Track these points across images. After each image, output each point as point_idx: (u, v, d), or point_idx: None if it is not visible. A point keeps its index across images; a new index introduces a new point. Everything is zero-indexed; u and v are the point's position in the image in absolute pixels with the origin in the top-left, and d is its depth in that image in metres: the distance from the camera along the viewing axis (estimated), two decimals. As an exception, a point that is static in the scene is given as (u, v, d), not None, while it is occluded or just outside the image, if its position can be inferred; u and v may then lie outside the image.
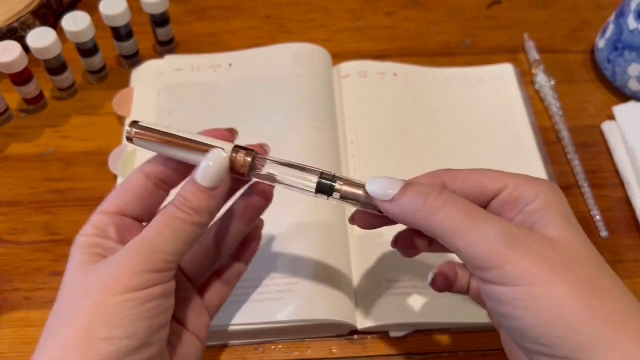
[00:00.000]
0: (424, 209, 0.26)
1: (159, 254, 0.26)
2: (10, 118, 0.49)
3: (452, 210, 0.25)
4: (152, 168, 0.29)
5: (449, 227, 0.25)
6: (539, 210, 0.26)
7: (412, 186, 0.27)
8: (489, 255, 0.24)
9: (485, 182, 0.28)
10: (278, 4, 0.58)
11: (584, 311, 0.22)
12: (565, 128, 0.50)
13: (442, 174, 0.29)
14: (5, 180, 0.45)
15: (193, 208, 0.26)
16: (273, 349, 0.38)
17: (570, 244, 0.24)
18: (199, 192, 0.26)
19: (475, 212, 0.25)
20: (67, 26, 0.46)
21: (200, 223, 0.27)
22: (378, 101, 0.49)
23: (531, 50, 0.55)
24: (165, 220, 0.26)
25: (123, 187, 0.29)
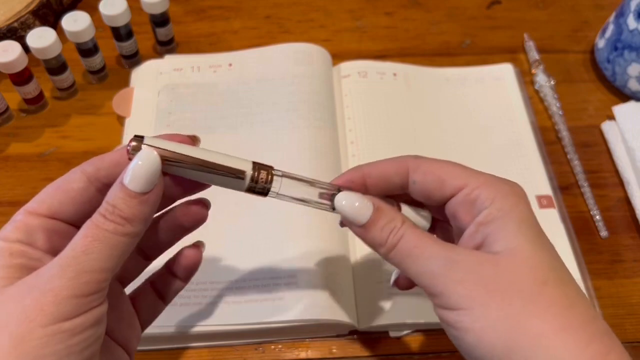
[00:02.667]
0: (386, 246, 0.26)
1: (88, 273, 0.22)
2: (11, 118, 0.49)
3: (404, 244, 0.26)
4: (97, 172, 0.25)
5: (401, 258, 0.26)
6: (490, 223, 0.26)
7: (381, 219, 0.27)
8: (432, 283, 0.25)
9: (445, 178, 0.27)
10: (278, 4, 0.58)
11: (518, 332, 0.23)
12: (565, 128, 0.50)
13: (407, 161, 0.28)
14: (6, 180, 0.45)
15: (124, 217, 0.23)
16: (273, 349, 0.38)
17: (514, 259, 0.25)
18: (130, 199, 0.23)
19: (424, 240, 0.26)
20: (67, 26, 0.46)
21: (133, 233, 0.24)
22: (378, 101, 0.49)
23: (531, 50, 0.55)
24: (93, 233, 0.23)
25: (59, 188, 0.25)
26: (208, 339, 0.38)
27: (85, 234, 0.23)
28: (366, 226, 0.27)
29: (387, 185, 0.29)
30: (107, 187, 0.24)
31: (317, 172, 0.43)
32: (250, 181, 0.26)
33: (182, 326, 0.37)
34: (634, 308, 0.41)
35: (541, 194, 0.45)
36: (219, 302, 0.38)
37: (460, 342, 0.25)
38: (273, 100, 0.48)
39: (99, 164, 0.26)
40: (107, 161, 0.26)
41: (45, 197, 0.25)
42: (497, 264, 0.25)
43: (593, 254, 0.43)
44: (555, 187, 0.46)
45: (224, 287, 0.39)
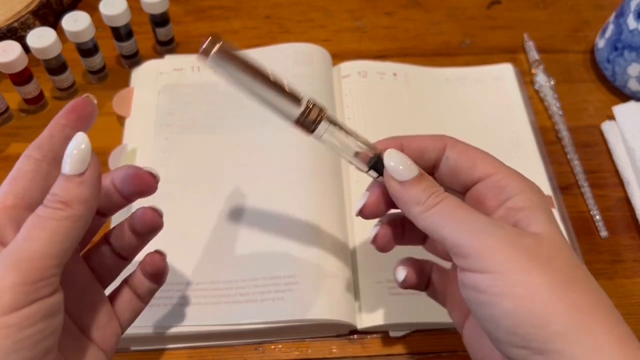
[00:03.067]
0: (425, 205, 0.26)
1: (29, 261, 0.22)
2: (11, 118, 0.49)
3: (445, 204, 0.26)
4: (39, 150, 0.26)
5: (439, 218, 0.26)
6: (522, 209, 0.26)
7: (424, 181, 0.27)
8: (472, 243, 0.24)
9: (478, 162, 0.28)
10: (278, 4, 0.58)
11: (559, 302, 0.23)
12: (565, 128, 0.50)
13: (445, 138, 0.29)
14: (6, 180, 0.45)
15: (62, 201, 0.24)
16: (273, 349, 0.38)
17: (552, 240, 0.25)
18: (67, 183, 0.24)
19: (465, 207, 0.26)
20: (67, 26, 0.46)
21: (75, 216, 0.24)
22: (378, 101, 0.49)
23: (531, 50, 0.55)
24: (34, 222, 0.23)
25: (14, 177, 0.26)
26: (208, 339, 0.38)
27: (26, 224, 0.23)
28: (409, 182, 0.27)
29: (422, 158, 0.29)
30: (55, 160, 0.26)
31: (317, 172, 0.43)
32: (302, 113, 0.28)
33: (182, 326, 0.37)
34: (634, 308, 0.41)
35: (541, 194, 0.45)
36: (219, 302, 0.38)
37: (489, 308, 0.24)
38: (273, 100, 0.48)
39: (37, 143, 0.27)
40: (43, 137, 0.27)
41: (6, 188, 0.26)
42: (537, 239, 0.25)
43: (593, 254, 0.43)
44: (555, 187, 0.46)
45: (224, 287, 0.39)
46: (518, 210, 0.26)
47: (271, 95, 0.27)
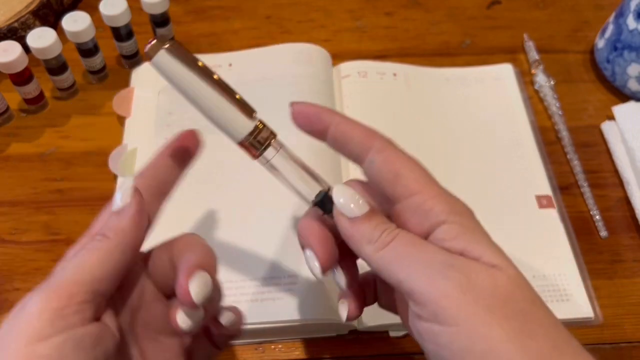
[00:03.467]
0: (377, 243, 0.25)
1: (60, 287, 0.22)
2: (11, 118, 0.49)
3: (398, 242, 0.24)
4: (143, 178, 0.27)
5: (391, 258, 0.24)
6: (460, 236, 0.24)
7: (375, 218, 0.25)
8: (428, 289, 0.23)
9: (402, 173, 0.26)
10: (278, 4, 0.58)
11: (520, 354, 0.22)
12: (565, 128, 0.50)
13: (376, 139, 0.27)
14: (6, 180, 0.45)
15: (100, 232, 0.24)
16: (273, 349, 0.39)
17: (506, 273, 0.23)
18: (108, 216, 0.25)
19: (420, 243, 0.24)
20: (67, 26, 0.46)
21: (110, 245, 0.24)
22: (378, 101, 0.49)
23: (531, 51, 0.55)
24: (71, 254, 0.24)
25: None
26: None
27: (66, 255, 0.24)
28: (360, 219, 0.25)
29: (345, 146, 0.27)
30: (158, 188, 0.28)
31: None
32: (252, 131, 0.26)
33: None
34: (634, 308, 0.41)
35: (541, 194, 0.45)
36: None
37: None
38: (273, 101, 0.48)
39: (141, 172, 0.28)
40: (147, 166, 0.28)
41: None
42: (492, 276, 0.23)
43: (593, 254, 0.43)
44: (555, 187, 0.46)
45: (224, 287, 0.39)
46: (456, 240, 0.24)
47: (222, 105, 0.25)
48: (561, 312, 0.39)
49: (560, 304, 0.40)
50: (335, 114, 0.27)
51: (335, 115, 0.27)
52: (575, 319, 0.39)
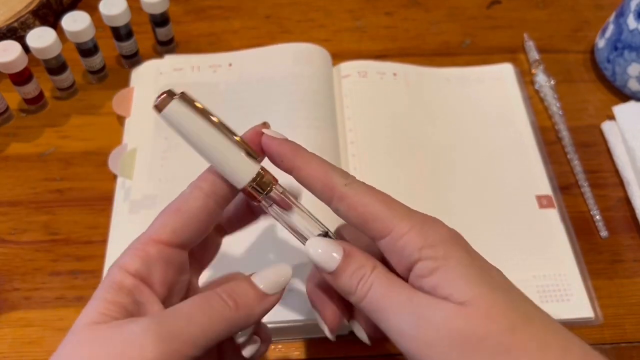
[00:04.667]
0: (356, 296, 0.25)
1: (182, 344, 0.22)
2: (11, 118, 0.49)
3: (372, 294, 0.24)
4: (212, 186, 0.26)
5: (373, 312, 0.24)
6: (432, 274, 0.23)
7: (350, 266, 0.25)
8: (404, 343, 0.23)
9: (368, 219, 0.25)
10: (278, 4, 0.58)
11: None
12: (565, 128, 0.50)
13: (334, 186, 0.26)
14: (6, 180, 0.45)
15: (236, 301, 0.24)
16: (273, 349, 0.38)
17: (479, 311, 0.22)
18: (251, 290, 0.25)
19: (392, 293, 0.24)
20: (67, 26, 0.46)
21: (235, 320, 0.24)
22: (378, 101, 0.49)
23: (531, 50, 0.55)
24: (201, 304, 0.23)
25: (179, 209, 0.25)
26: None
27: (194, 300, 0.23)
28: (336, 273, 0.25)
29: (311, 192, 0.26)
30: (223, 198, 0.26)
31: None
32: (255, 177, 0.26)
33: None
34: (634, 308, 0.41)
35: (541, 194, 0.45)
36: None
37: None
38: (273, 100, 0.48)
39: (212, 177, 0.26)
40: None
41: (167, 220, 0.25)
42: (466, 317, 0.22)
43: (593, 254, 0.43)
44: (555, 187, 0.46)
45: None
46: (429, 278, 0.23)
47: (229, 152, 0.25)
48: (561, 312, 0.39)
49: (560, 304, 0.40)
50: (297, 157, 0.26)
51: (297, 158, 0.26)
52: (576, 319, 0.39)
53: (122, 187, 0.44)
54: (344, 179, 0.26)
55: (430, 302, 0.23)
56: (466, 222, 0.43)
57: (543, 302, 0.39)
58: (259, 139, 0.27)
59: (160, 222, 0.25)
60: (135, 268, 0.24)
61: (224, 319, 0.23)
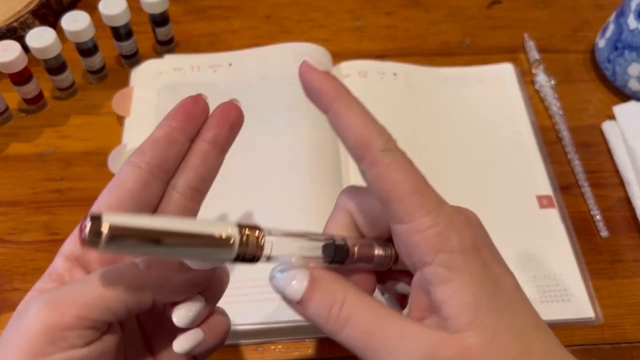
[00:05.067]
0: (329, 324, 0.23)
1: (66, 304, 0.20)
2: (10, 118, 0.49)
3: (354, 327, 0.22)
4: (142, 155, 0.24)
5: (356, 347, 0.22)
6: (440, 285, 0.22)
7: (316, 293, 0.23)
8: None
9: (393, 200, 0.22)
10: (278, 4, 0.58)
11: None
12: (565, 128, 0.49)
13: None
14: (5, 180, 0.45)
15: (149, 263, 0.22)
16: (273, 349, 0.38)
17: (479, 342, 0.21)
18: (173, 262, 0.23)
19: (377, 327, 0.22)
20: (66, 26, 0.46)
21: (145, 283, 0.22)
22: (378, 101, 0.49)
23: (531, 50, 0.55)
24: (102, 270, 0.22)
25: (113, 185, 0.24)
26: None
27: (98, 270, 0.22)
28: (303, 301, 0.23)
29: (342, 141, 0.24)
30: (159, 167, 0.24)
31: (316, 173, 0.43)
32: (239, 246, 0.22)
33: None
34: (634, 308, 0.41)
35: (541, 194, 0.45)
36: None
37: None
38: (273, 100, 0.48)
39: (140, 149, 0.25)
40: (147, 142, 0.25)
41: (102, 199, 0.24)
42: (468, 354, 0.21)
43: (593, 254, 0.43)
44: (555, 187, 0.46)
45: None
46: (435, 289, 0.22)
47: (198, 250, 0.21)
48: (562, 312, 0.39)
49: (560, 304, 0.39)
50: (337, 99, 0.24)
51: (336, 100, 0.24)
52: (576, 319, 0.39)
53: (122, 187, 0.44)
54: (383, 142, 0.23)
55: (430, 339, 0.21)
56: (466, 222, 0.43)
57: (543, 302, 0.39)
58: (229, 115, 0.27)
59: (97, 202, 0.24)
60: (69, 249, 0.24)
61: (126, 280, 0.22)
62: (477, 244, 0.23)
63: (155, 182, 0.25)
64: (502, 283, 0.23)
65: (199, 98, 0.27)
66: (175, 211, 0.26)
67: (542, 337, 0.23)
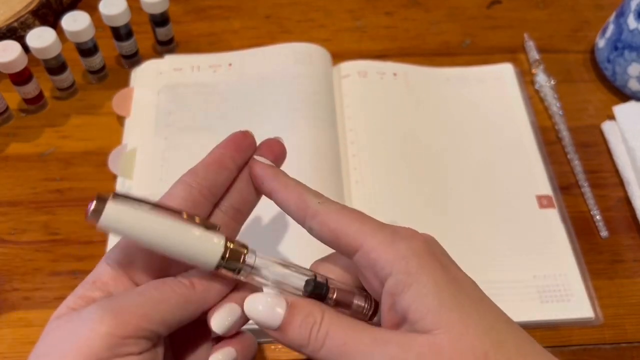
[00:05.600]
0: (310, 344, 0.24)
1: (130, 314, 0.22)
2: (10, 118, 0.49)
3: (331, 342, 0.23)
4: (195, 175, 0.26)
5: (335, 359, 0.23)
6: (403, 292, 0.23)
7: (296, 317, 0.24)
8: None
9: (339, 235, 0.25)
10: (278, 4, 0.58)
11: None
12: (565, 128, 0.49)
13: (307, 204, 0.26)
14: (5, 180, 0.45)
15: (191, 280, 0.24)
16: (273, 349, 0.38)
17: (447, 340, 0.22)
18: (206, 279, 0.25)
19: (353, 338, 0.23)
20: (67, 26, 0.46)
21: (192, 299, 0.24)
22: (378, 101, 0.49)
23: (531, 50, 0.55)
24: (155, 284, 0.24)
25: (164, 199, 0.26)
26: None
27: (150, 282, 0.24)
28: (282, 328, 0.24)
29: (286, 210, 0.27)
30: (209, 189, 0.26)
31: (317, 172, 0.43)
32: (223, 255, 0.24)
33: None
34: (634, 308, 0.41)
35: (541, 194, 0.45)
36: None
37: None
38: (273, 100, 0.48)
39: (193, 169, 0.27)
40: (200, 164, 0.27)
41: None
42: (434, 351, 0.22)
43: (593, 254, 0.43)
44: (555, 187, 0.46)
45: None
46: (400, 296, 0.23)
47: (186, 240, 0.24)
48: (561, 312, 0.39)
49: (560, 304, 0.39)
50: (274, 180, 0.27)
51: (275, 181, 0.27)
52: (576, 319, 0.39)
53: (122, 187, 0.44)
54: (317, 198, 0.26)
55: (400, 339, 0.23)
56: (466, 222, 0.43)
57: (543, 302, 0.39)
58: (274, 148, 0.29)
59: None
60: (115, 258, 0.25)
61: (177, 294, 0.24)
62: (431, 249, 0.24)
63: (204, 202, 0.26)
64: (464, 284, 0.24)
65: (248, 133, 0.29)
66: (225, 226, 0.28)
67: (514, 332, 0.23)
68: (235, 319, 0.25)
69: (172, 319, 0.24)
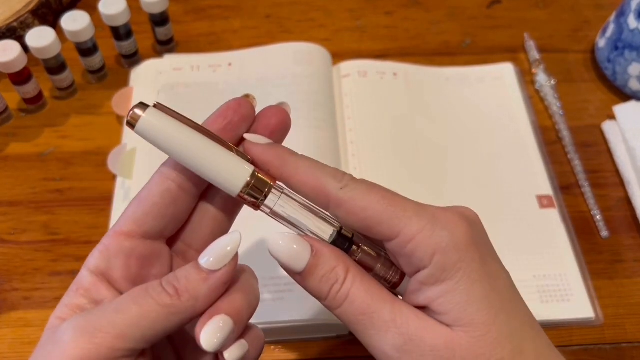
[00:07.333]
0: (328, 300, 0.23)
1: (108, 336, 0.20)
2: (10, 118, 0.49)
3: (349, 307, 0.23)
4: (172, 171, 0.24)
5: (352, 325, 0.23)
6: (434, 285, 0.22)
7: (319, 268, 0.23)
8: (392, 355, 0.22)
9: (371, 224, 0.23)
10: (278, 4, 0.58)
11: None
12: (565, 128, 0.49)
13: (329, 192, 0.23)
14: (5, 180, 0.45)
15: (176, 288, 0.22)
16: (273, 349, 0.38)
17: (471, 338, 0.21)
18: (194, 272, 0.22)
19: (373, 307, 0.22)
20: (66, 26, 0.46)
21: (177, 308, 0.21)
22: (378, 101, 0.49)
23: (532, 50, 0.55)
24: (136, 295, 0.22)
25: (141, 197, 0.24)
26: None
27: (130, 293, 0.22)
28: (304, 274, 0.23)
29: (305, 197, 0.24)
30: (188, 181, 0.24)
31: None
32: (250, 179, 0.23)
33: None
34: (634, 308, 0.41)
35: (541, 194, 0.45)
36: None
37: None
38: (273, 100, 0.48)
39: (172, 162, 0.24)
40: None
41: (129, 210, 0.24)
42: (453, 350, 0.21)
43: (593, 254, 0.43)
44: (555, 187, 0.46)
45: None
46: (430, 287, 0.22)
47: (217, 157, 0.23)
48: (562, 312, 0.39)
49: (560, 304, 0.39)
50: (283, 165, 0.24)
51: (284, 166, 0.24)
52: (576, 319, 0.39)
53: (121, 187, 0.44)
54: (337, 182, 0.23)
55: (419, 325, 0.22)
56: (466, 222, 0.43)
57: (543, 302, 0.39)
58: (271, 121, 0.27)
59: (123, 214, 0.24)
60: (95, 264, 0.23)
61: (161, 307, 0.21)
62: (473, 238, 0.23)
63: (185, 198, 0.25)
64: (499, 281, 0.23)
65: (243, 102, 0.27)
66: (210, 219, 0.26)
67: (536, 338, 0.23)
68: (226, 334, 0.22)
69: (154, 334, 0.21)
